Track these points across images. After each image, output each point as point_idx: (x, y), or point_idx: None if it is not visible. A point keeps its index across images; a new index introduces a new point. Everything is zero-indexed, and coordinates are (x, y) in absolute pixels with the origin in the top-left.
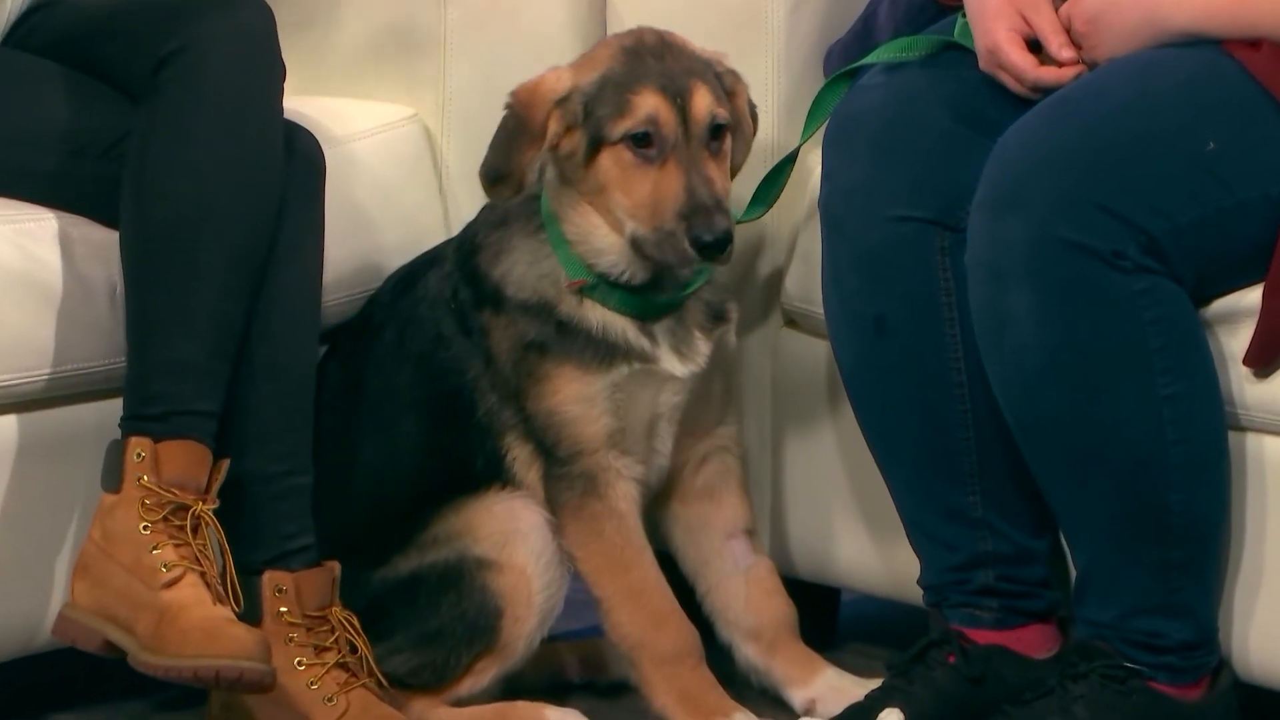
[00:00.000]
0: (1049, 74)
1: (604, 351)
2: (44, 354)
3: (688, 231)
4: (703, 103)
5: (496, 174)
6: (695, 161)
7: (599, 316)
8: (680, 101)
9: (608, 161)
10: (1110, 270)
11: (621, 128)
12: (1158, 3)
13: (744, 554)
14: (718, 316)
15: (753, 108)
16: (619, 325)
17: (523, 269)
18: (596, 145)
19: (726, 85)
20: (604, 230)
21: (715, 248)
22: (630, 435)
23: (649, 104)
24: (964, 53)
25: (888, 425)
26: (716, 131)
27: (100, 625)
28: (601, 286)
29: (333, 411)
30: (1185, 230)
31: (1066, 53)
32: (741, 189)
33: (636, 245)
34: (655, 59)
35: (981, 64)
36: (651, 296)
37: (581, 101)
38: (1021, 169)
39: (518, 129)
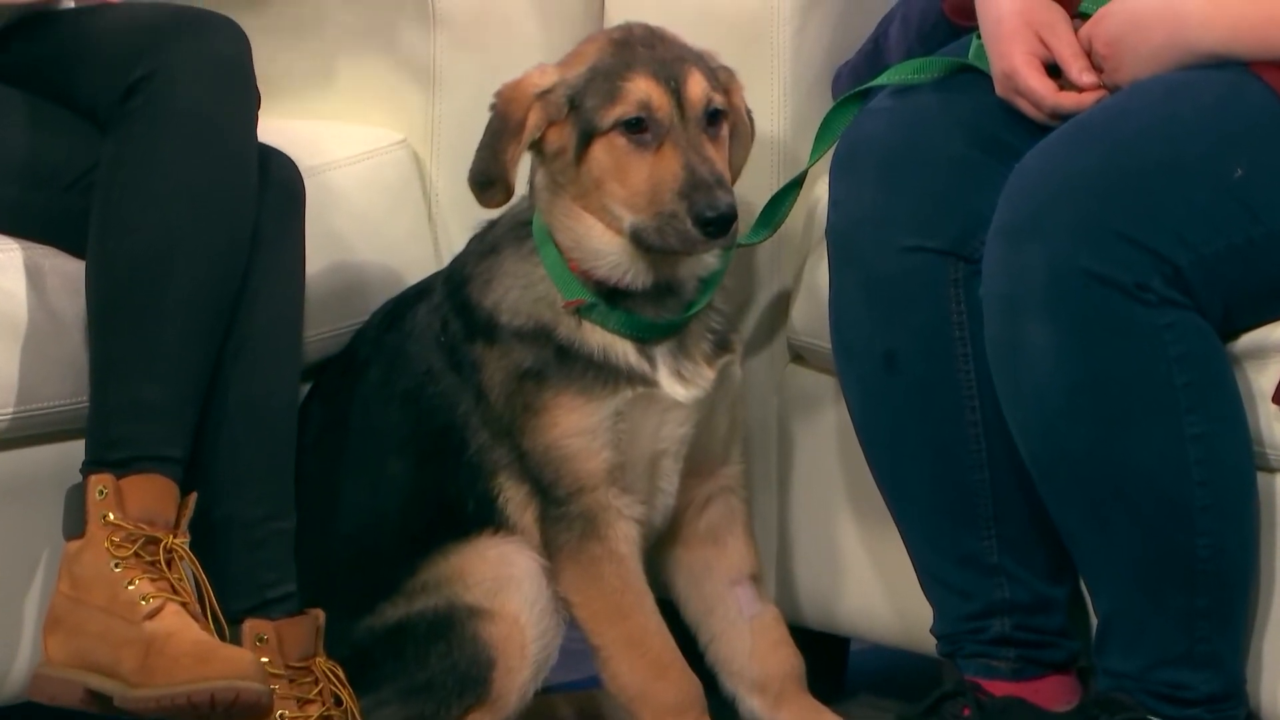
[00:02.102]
0: (1069, 100)
1: (605, 376)
2: (8, 391)
3: (689, 209)
4: (697, 86)
5: (484, 178)
6: (693, 142)
7: (599, 339)
8: (674, 85)
9: (600, 152)
10: (1133, 303)
11: (613, 115)
12: (1183, 23)
13: (749, 601)
14: (721, 345)
15: (748, 112)
16: (620, 347)
17: (517, 294)
18: (588, 138)
19: (721, 81)
20: (599, 230)
21: (719, 224)
22: (631, 471)
23: (641, 88)
24: (979, 75)
25: (899, 466)
26: (714, 117)
27: (78, 676)
28: (600, 307)
29: (315, 453)
30: (1212, 261)
31: (1087, 78)
32: (746, 211)
33: (638, 237)
34: (646, 48)
35: (998, 89)
36: (652, 317)
37: (567, 94)
38: (1040, 196)
39: (500, 127)
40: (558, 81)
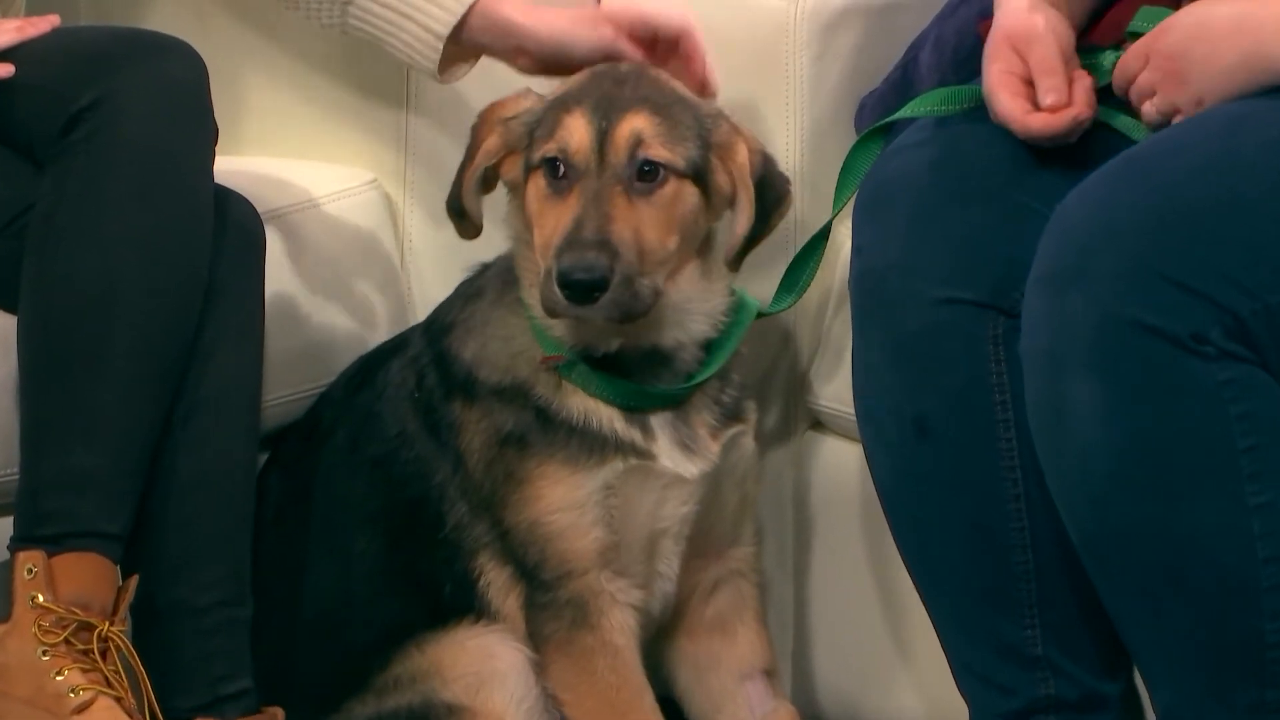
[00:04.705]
0: (1036, 121)
1: (590, 444)
2: None
3: (557, 267)
4: (629, 130)
5: (454, 203)
6: (599, 194)
7: (580, 403)
8: (604, 125)
9: (531, 190)
10: (1189, 356)
11: (542, 151)
12: (1260, 37)
13: (762, 698)
14: (731, 414)
15: (783, 180)
16: (603, 414)
17: (496, 346)
18: (527, 172)
19: (713, 137)
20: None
21: (579, 289)
22: (627, 552)
23: (568, 124)
24: None
25: (930, 545)
26: (646, 171)
27: None
28: (581, 368)
29: (275, 530)
30: (1278, 311)
31: (1051, 98)
32: (752, 262)
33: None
34: (615, 84)
35: (990, 114)
36: (641, 384)
37: (526, 122)
38: (1085, 238)
39: (467, 147)
40: (525, 108)
